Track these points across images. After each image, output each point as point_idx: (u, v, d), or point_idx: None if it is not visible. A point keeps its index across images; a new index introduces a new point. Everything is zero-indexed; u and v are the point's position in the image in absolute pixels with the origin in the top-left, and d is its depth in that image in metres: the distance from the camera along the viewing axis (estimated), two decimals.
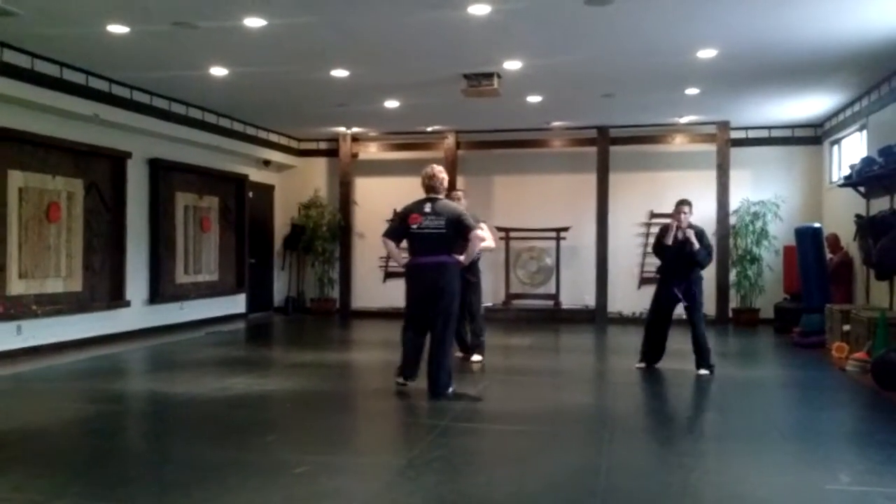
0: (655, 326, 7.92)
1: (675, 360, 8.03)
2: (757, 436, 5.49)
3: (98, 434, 5.47)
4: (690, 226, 7.59)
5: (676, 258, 7.62)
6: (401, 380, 6.81)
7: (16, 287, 8.60)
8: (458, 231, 6.53)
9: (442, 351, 6.54)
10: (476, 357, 8.26)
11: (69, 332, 9.18)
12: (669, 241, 7.59)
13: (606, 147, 12.66)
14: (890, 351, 7.12)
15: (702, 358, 7.57)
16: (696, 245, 7.48)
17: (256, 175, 13.43)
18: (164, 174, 10.92)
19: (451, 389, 6.57)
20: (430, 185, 6.74)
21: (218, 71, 8.89)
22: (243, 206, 12.94)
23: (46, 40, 7.75)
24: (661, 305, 7.86)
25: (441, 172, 6.82)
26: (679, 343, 8.22)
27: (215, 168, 12.10)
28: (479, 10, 6.71)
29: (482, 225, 7.42)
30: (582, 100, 10.59)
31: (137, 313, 10.40)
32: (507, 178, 13.44)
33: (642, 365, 7.93)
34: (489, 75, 8.93)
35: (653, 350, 7.93)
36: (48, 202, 8.99)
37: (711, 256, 7.96)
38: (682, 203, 7.65)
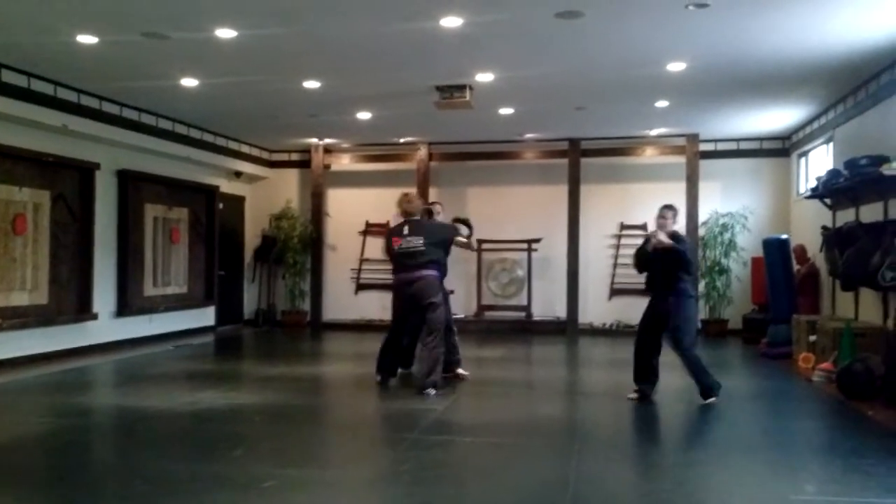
0: (641, 348, 7.10)
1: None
2: (724, 446, 5.54)
3: (64, 449, 5.39)
4: (674, 235, 6.98)
5: (659, 268, 6.97)
6: (378, 377, 7.71)
7: None
8: (444, 242, 7.55)
9: (430, 356, 7.24)
10: (462, 371, 8.13)
11: (35, 346, 9.03)
12: (650, 247, 6.98)
13: (578, 159, 12.74)
14: (855, 361, 7.22)
15: (699, 386, 6.82)
16: (667, 241, 6.79)
17: (227, 186, 13.34)
18: (132, 185, 10.80)
19: (433, 392, 7.10)
20: (406, 210, 7.60)
21: (189, 81, 8.84)
22: (213, 218, 12.83)
23: (14, 50, 7.64)
24: (647, 324, 7.10)
25: (416, 198, 7.85)
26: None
27: (185, 179, 12.01)
28: (452, 23, 6.73)
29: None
30: (554, 112, 10.65)
31: (105, 326, 10.25)
32: (479, 190, 13.46)
33: (634, 395, 7.02)
34: (461, 87, 8.96)
35: (643, 376, 7.05)
36: (14, 214, 8.86)
37: (690, 262, 7.11)
38: (665, 208, 7.13)
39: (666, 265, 6.89)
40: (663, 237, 6.86)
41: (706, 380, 6.80)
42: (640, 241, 12.21)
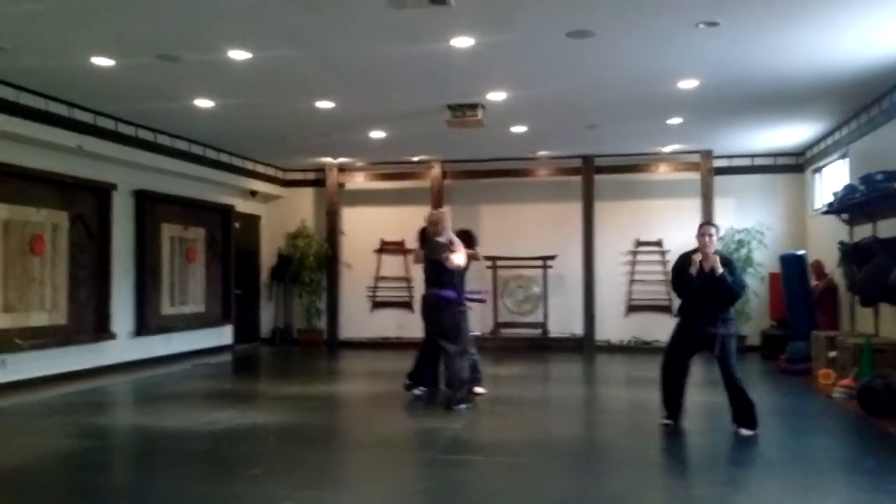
0: (670, 377, 6.47)
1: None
2: (744, 464, 5.50)
3: (82, 469, 5.41)
4: (717, 253, 6.23)
5: (703, 293, 6.17)
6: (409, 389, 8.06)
7: (1, 321, 8.54)
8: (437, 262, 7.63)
9: (450, 370, 7.47)
10: (478, 389, 8.12)
11: (54, 366, 9.10)
12: (694, 270, 6.14)
13: (591, 176, 12.74)
14: (876, 377, 7.15)
15: (742, 413, 6.20)
16: (720, 269, 6.06)
17: (242, 206, 13.43)
18: (149, 206, 10.90)
19: (462, 406, 7.30)
20: (431, 231, 7.86)
21: (203, 102, 8.93)
22: (229, 237, 12.91)
23: (31, 73, 7.76)
24: (679, 352, 6.42)
25: (434, 216, 7.97)
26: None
27: (201, 199, 12.10)
28: (463, 43, 6.78)
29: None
30: (566, 130, 10.67)
31: (123, 346, 10.32)
32: (493, 207, 13.48)
33: (668, 421, 6.47)
34: (473, 106, 9.01)
35: (672, 403, 6.50)
36: (32, 235, 8.96)
37: (743, 288, 6.46)
38: (707, 225, 6.40)
39: (713, 290, 6.13)
40: (716, 264, 6.09)
41: (753, 410, 6.18)
42: (656, 258, 12.53)
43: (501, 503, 4.61)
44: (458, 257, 7.60)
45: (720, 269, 6.06)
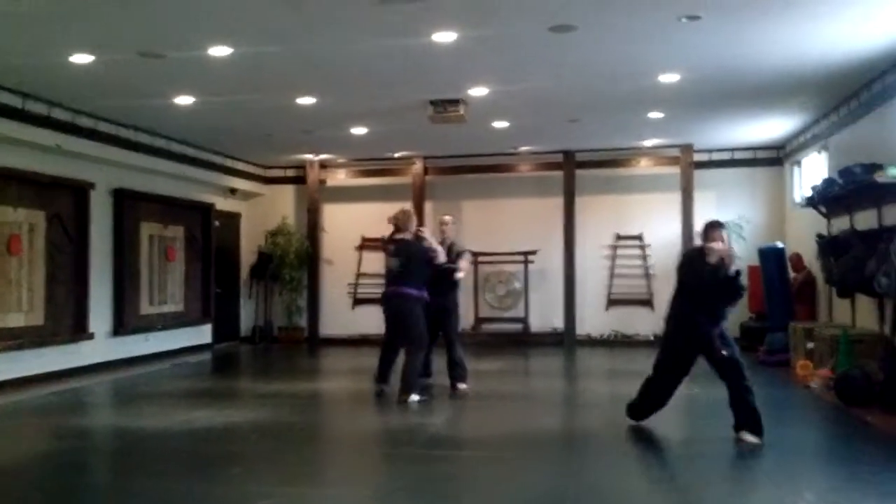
0: (665, 377, 6.14)
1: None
2: (723, 455, 5.53)
3: (60, 470, 5.36)
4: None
5: (711, 290, 5.88)
6: (376, 386, 7.92)
7: None
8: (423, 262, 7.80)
9: (408, 367, 7.54)
10: (462, 385, 8.11)
11: (31, 367, 8.97)
12: (713, 259, 5.78)
13: (573, 171, 12.76)
14: (853, 368, 7.22)
15: (745, 420, 5.75)
16: (734, 268, 5.84)
17: (223, 203, 13.33)
18: (128, 204, 10.79)
19: (414, 398, 7.38)
20: (396, 225, 8.02)
21: (183, 100, 8.85)
22: (209, 235, 12.82)
23: (8, 71, 7.65)
24: (681, 352, 6.08)
25: (402, 213, 8.15)
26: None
27: (181, 197, 12.01)
28: (445, 38, 6.75)
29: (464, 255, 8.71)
30: (548, 125, 10.68)
31: (101, 346, 10.21)
32: (475, 203, 13.48)
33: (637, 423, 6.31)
34: (455, 102, 8.99)
35: (646, 403, 6.24)
36: (9, 235, 8.84)
37: (745, 289, 6.20)
38: (715, 226, 6.10)
39: (715, 288, 5.87)
40: (733, 263, 5.82)
41: (757, 417, 5.74)
42: (636, 252, 12.59)
43: (483, 497, 4.61)
44: (441, 253, 7.93)
45: (734, 268, 5.79)
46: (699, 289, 5.89)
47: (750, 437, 5.63)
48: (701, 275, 5.82)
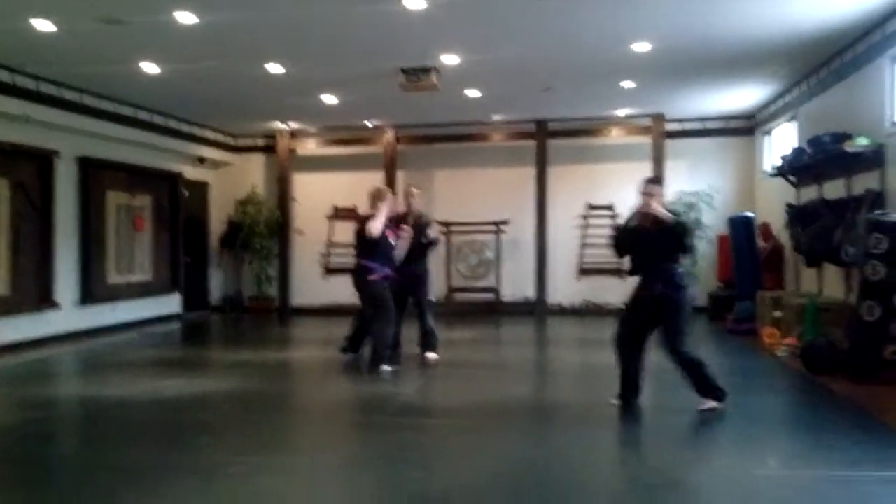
0: (624, 346, 5.92)
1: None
2: (690, 422, 5.59)
3: (26, 441, 5.29)
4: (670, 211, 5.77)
5: (648, 251, 5.74)
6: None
7: None
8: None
9: (374, 335, 7.52)
10: (430, 354, 8.09)
11: None
12: (634, 221, 5.80)
13: (545, 140, 12.74)
14: (819, 336, 7.32)
15: (696, 385, 5.71)
16: (665, 213, 5.62)
17: (191, 172, 13.14)
18: (94, 173, 10.60)
19: (386, 369, 7.31)
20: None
21: (149, 67, 8.67)
22: (178, 204, 12.65)
23: None
24: (636, 319, 5.89)
25: (380, 191, 7.82)
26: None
27: (148, 166, 11.81)
28: (416, 5, 6.67)
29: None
30: (520, 94, 10.63)
31: (67, 315, 10.08)
32: (447, 172, 13.42)
33: (618, 402, 5.93)
34: (427, 70, 8.91)
35: (627, 380, 5.93)
36: None
37: (691, 237, 5.90)
38: (651, 183, 5.87)
39: (657, 246, 5.67)
40: (660, 208, 5.63)
41: (712, 383, 5.70)
42: (607, 221, 12.62)
43: (455, 465, 4.62)
44: (375, 226, 7.37)
45: (669, 216, 5.59)
46: (630, 252, 5.97)
47: (707, 404, 5.61)
48: (630, 238, 5.91)
